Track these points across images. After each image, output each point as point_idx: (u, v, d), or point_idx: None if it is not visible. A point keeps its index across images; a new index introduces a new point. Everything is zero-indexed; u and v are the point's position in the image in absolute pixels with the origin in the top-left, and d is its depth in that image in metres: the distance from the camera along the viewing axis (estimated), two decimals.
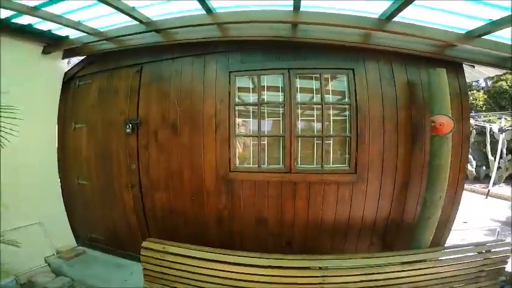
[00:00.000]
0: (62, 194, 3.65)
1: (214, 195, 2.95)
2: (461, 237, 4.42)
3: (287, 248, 2.93)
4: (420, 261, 2.24)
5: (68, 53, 3.51)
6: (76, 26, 2.82)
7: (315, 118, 2.87)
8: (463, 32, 2.38)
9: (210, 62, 2.95)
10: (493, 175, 8.29)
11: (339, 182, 2.77)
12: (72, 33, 3.12)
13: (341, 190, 2.78)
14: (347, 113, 2.78)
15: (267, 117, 2.92)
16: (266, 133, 2.92)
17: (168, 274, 2.27)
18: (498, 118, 9.69)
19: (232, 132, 2.83)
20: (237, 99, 2.92)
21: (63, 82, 3.63)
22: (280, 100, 2.82)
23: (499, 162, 8.77)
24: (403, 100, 2.72)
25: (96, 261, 3.35)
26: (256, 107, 2.87)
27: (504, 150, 9.23)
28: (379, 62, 2.76)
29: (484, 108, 12.38)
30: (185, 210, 3.07)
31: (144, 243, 2.36)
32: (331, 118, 2.84)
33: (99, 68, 3.48)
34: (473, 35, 2.36)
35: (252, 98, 2.97)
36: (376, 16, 2.31)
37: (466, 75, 2.81)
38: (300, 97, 2.83)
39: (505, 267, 2.44)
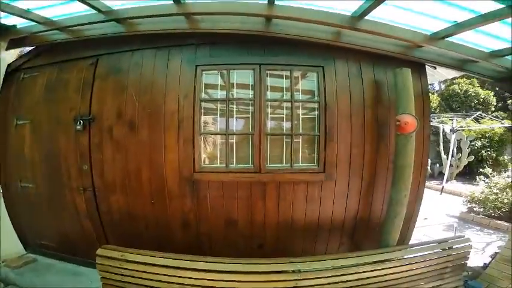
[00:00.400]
0: (4, 198, 3.20)
1: (178, 197, 2.75)
2: (423, 233, 4.62)
3: (259, 250, 2.84)
4: (390, 260, 2.26)
5: (15, 43, 3.05)
6: (24, 14, 2.47)
7: (284, 116, 2.79)
8: (429, 33, 2.45)
9: (174, 55, 2.74)
10: (446, 172, 8.99)
11: (308, 182, 2.73)
12: (21, 22, 2.75)
13: (310, 189, 2.74)
14: (316, 111, 2.75)
15: (236, 115, 2.79)
16: (235, 131, 2.79)
17: (130, 283, 2.06)
18: (450, 119, 10.52)
19: (197, 129, 2.64)
20: (203, 95, 2.74)
21: (6, 74, 3.16)
22: (250, 97, 2.71)
23: (450, 161, 9.53)
24: (370, 99, 2.76)
25: (50, 269, 3.04)
26: (225, 104, 2.72)
27: (455, 150, 10.07)
28: (348, 60, 2.76)
29: (437, 110, 13.47)
30: (146, 214, 2.83)
31: (100, 251, 2.14)
32: (301, 116, 2.79)
33: (48, 60, 3.09)
34: (438, 37, 2.43)
35: (220, 94, 2.82)
36: (349, 14, 2.30)
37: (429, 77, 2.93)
38: (269, 94, 2.74)
39: (466, 263, 2.54)
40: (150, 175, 2.75)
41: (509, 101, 11.59)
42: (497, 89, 12.49)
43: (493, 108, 12.80)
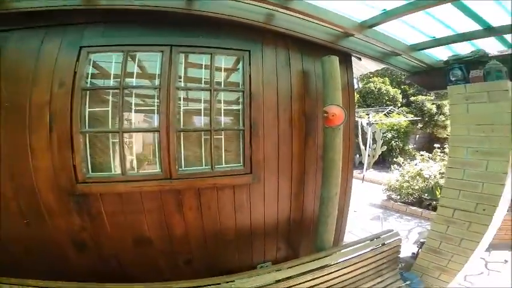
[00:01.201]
0: None
1: (61, 214, 2.02)
2: (352, 227, 4.69)
3: (187, 267, 2.38)
4: (329, 265, 2.09)
5: None
6: None
7: (202, 108, 2.32)
8: (358, 21, 2.31)
9: (53, 37, 1.99)
10: (365, 162, 9.93)
11: (235, 185, 2.34)
12: None
13: (238, 194, 2.37)
14: (241, 102, 2.35)
15: (136, 107, 2.18)
16: (133, 127, 2.18)
17: None
18: (366, 114, 11.70)
19: (77, 127, 1.94)
20: (87, 83, 2.05)
21: None
22: (156, 84, 2.13)
23: (368, 151, 10.61)
24: (298, 90, 2.52)
25: None
26: (118, 92, 2.07)
27: (371, 141, 11.29)
28: (277, 46, 2.46)
29: (356, 106, 14.98)
30: (20, 236, 2.03)
31: None
32: (223, 108, 2.36)
33: None
34: (366, 25, 2.29)
35: (114, 82, 2.16)
36: None
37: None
38: (184, 82, 2.23)
39: (399, 256, 2.57)
40: (15, 188, 1.94)
41: (411, 98, 13.53)
42: (402, 87, 14.55)
43: (399, 104, 14.84)
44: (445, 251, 2.60)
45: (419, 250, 2.92)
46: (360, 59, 2.91)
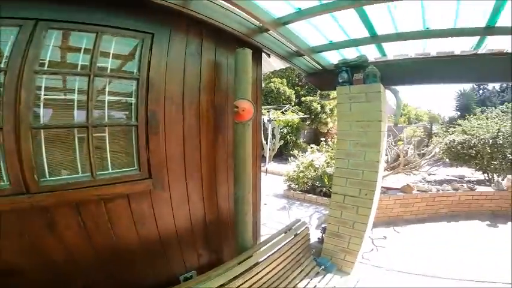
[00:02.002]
0: None
1: None
2: (266, 218, 4.78)
3: None
4: (256, 265, 2.03)
5: None
6: None
7: (75, 97, 1.72)
8: (274, 17, 2.24)
9: None
10: (267, 155, 10.69)
11: (130, 194, 1.89)
12: None
13: (135, 204, 1.93)
14: (134, 92, 1.89)
15: None
16: None
17: None
18: (267, 111, 12.62)
19: None
20: None
21: None
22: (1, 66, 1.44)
23: (269, 145, 11.49)
24: (208, 80, 2.28)
25: None
26: None
27: (270, 136, 12.29)
28: (189, 33, 2.14)
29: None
30: None
31: None
32: (108, 99, 1.83)
33: None
34: (280, 22, 2.23)
35: None
36: None
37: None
38: (50, 66, 1.60)
39: (309, 243, 2.71)
40: None
41: (302, 98, 15.49)
42: (296, 88, 16.39)
43: (293, 103, 16.68)
44: (344, 234, 2.94)
45: (323, 235, 3.20)
46: (269, 55, 2.92)
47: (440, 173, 10.24)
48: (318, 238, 3.56)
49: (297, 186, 6.69)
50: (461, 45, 2.52)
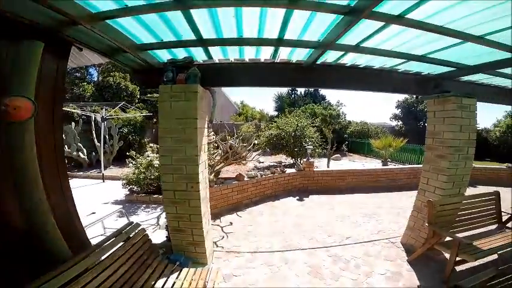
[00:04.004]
0: None
1: None
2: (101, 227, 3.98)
3: None
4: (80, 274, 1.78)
5: None
6: None
7: None
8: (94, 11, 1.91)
9: None
10: (102, 159, 9.14)
11: None
12: None
13: None
14: None
15: None
16: None
17: None
18: (101, 108, 10.77)
19: None
20: None
21: None
22: None
23: (104, 147, 9.86)
24: None
25: None
26: None
27: (107, 136, 10.60)
28: None
29: (90, 100, 13.37)
30: None
31: None
32: None
33: None
34: (100, 16, 1.98)
35: None
36: None
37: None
38: None
39: (152, 242, 2.62)
40: None
41: (149, 95, 14.31)
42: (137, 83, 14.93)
43: (137, 100, 15.16)
44: (185, 228, 3.02)
45: (169, 233, 3.17)
46: (80, 49, 2.44)
47: (267, 160, 12.75)
48: (166, 237, 3.51)
49: (139, 189, 6.19)
50: (267, 54, 3.05)
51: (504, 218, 3.66)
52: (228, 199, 5.50)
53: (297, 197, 6.44)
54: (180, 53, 2.97)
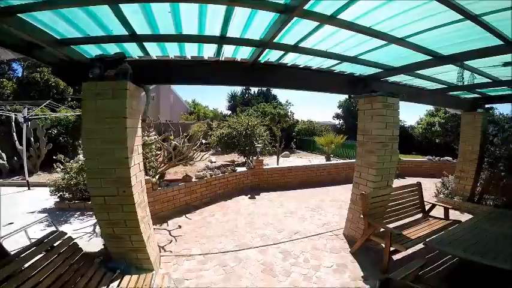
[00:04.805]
0: None
1: None
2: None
3: None
4: None
5: None
6: None
7: None
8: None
9: None
10: (26, 164, 7.90)
11: None
12: None
13: None
14: None
15: None
16: None
17: None
18: (24, 107, 9.33)
19: None
20: None
21: None
22: None
23: (29, 151, 8.56)
24: None
25: None
26: None
27: (32, 139, 9.21)
28: None
29: (11, 98, 11.56)
30: None
31: None
32: None
33: None
34: (10, 11, 1.81)
35: None
36: None
37: None
38: None
39: (84, 251, 2.47)
40: None
41: (79, 94, 12.88)
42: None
43: (69, 99, 13.52)
44: (122, 235, 2.81)
45: (104, 240, 2.96)
46: None
47: (220, 159, 12.59)
48: (104, 244, 3.20)
49: (71, 195, 5.54)
50: (210, 52, 2.96)
51: (427, 207, 4.11)
52: (176, 202, 5.27)
53: (249, 195, 6.49)
54: (113, 49, 2.74)
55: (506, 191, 4.92)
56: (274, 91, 28.12)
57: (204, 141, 6.61)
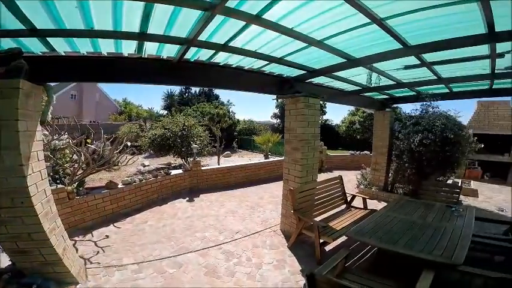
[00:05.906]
0: None
1: None
2: None
3: None
4: None
5: None
6: None
7: None
8: None
9: None
10: None
11: None
12: None
13: None
14: None
15: None
16: None
17: None
18: None
19: None
20: None
21: None
22: None
23: None
24: None
25: None
26: None
27: None
28: None
29: None
30: None
31: None
32: None
33: None
34: None
35: None
36: None
37: None
38: None
39: None
40: None
41: None
42: None
43: None
44: (29, 249, 2.50)
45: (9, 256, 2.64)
46: None
47: (155, 162, 11.79)
48: (10, 260, 2.79)
49: None
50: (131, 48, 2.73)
51: (349, 199, 4.50)
52: (100, 210, 4.70)
53: (187, 198, 6.24)
54: (10, 44, 2.33)
55: (411, 180, 5.81)
56: (217, 91, 27.81)
57: (129, 143, 6.03)
